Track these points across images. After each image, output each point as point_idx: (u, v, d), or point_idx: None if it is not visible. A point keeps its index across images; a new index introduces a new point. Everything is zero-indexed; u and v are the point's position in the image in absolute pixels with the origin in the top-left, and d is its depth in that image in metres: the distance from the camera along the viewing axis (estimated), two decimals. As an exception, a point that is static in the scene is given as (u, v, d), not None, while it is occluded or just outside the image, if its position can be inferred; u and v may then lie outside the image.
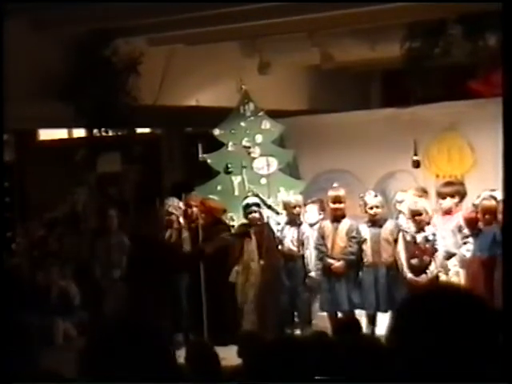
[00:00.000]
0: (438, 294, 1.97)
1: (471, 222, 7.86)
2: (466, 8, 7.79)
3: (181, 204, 9.08)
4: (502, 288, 7.13)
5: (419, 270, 7.89)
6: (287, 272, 8.70)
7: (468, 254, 7.97)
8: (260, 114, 9.70)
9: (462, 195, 8.30)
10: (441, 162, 9.64)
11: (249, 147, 9.67)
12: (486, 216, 7.67)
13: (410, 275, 7.92)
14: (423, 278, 7.85)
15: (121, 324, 2.23)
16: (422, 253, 7.92)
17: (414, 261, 7.94)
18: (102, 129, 8.69)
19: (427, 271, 7.86)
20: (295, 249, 8.66)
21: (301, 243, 8.66)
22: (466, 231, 8.04)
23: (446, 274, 8.13)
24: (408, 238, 8.02)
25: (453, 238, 8.12)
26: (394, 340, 1.97)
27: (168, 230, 8.89)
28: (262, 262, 8.60)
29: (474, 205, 7.74)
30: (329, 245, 8.49)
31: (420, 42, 8.49)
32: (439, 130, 9.57)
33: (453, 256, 8.11)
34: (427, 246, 7.90)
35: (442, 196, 8.27)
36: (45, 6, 7.39)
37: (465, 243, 8.08)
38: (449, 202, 8.23)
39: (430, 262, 7.87)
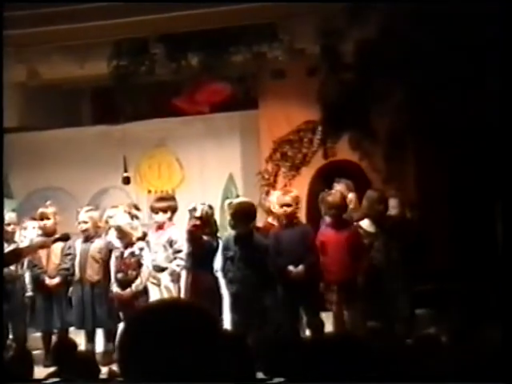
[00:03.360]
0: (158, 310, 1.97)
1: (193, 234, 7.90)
2: (167, 28, 7.94)
3: None
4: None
5: (125, 284, 7.88)
6: (5, 294, 8.06)
7: (178, 269, 8.04)
8: (-35, 131, 9.25)
9: (174, 210, 8.35)
10: (152, 177, 9.79)
11: (-47, 166, 9.16)
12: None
13: (116, 289, 7.89)
14: (128, 292, 7.82)
15: None
16: (127, 267, 7.91)
17: (120, 275, 7.91)
18: None
19: (132, 285, 7.85)
20: (14, 268, 8.21)
21: (20, 263, 8.23)
22: (177, 246, 8.06)
23: (159, 286, 8.13)
24: (117, 253, 8.00)
25: (164, 253, 8.15)
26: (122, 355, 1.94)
27: None
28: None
29: (196, 217, 7.80)
30: (44, 262, 8.26)
31: (126, 60, 8.49)
32: (149, 146, 9.72)
33: (164, 270, 8.14)
34: (132, 260, 7.91)
35: (154, 211, 8.30)
36: None
37: (175, 258, 8.12)
38: (161, 217, 8.26)
39: (136, 276, 7.88)
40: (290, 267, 7.55)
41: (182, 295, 7.91)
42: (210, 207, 7.97)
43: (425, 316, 7.79)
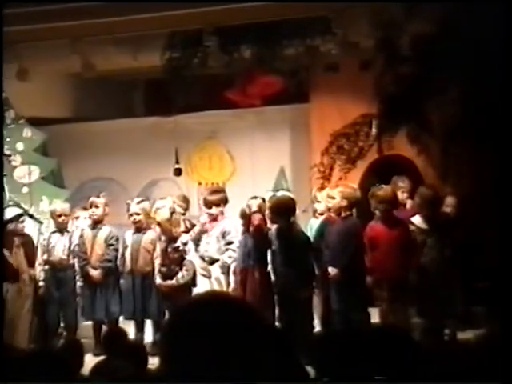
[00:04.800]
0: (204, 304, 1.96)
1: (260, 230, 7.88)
2: (221, 20, 7.96)
3: None
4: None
5: (168, 277, 7.99)
6: (56, 282, 8.44)
7: (229, 261, 8.09)
8: (21, 121, 9.49)
9: (225, 202, 8.39)
10: (202, 169, 9.89)
11: (9, 155, 9.40)
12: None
13: (159, 281, 8.00)
14: (169, 283, 7.93)
15: None
16: (170, 262, 7.99)
17: (164, 269, 8.00)
18: None
19: (175, 278, 7.94)
20: (65, 257, 8.41)
21: (71, 252, 8.44)
22: (229, 238, 8.11)
23: (209, 278, 8.21)
24: (162, 246, 8.07)
25: (217, 245, 8.21)
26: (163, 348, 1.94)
27: None
28: (32, 273, 8.32)
29: (255, 212, 7.82)
30: (88, 253, 8.38)
31: (179, 52, 8.57)
32: (200, 138, 9.81)
33: (216, 262, 8.20)
34: (176, 255, 7.97)
35: (208, 205, 8.31)
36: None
37: (227, 250, 8.16)
38: (214, 210, 8.28)
39: (180, 269, 7.96)
40: (329, 269, 7.57)
41: (239, 291, 7.81)
42: (263, 200, 7.99)
43: (479, 314, 7.68)
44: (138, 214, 8.29)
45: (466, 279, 7.60)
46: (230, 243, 8.11)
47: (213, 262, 8.22)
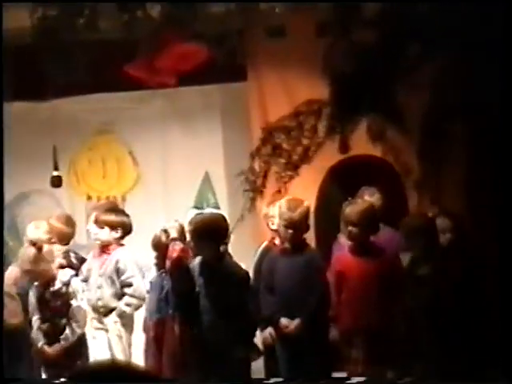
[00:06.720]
0: None
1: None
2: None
3: None
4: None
5: (53, 335, 6.94)
6: None
7: (128, 309, 7.07)
8: None
9: (126, 229, 7.26)
10: (93, 178, 8.91)
11: None
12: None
13: (40, 344, 6.94)
14: (56, 348, 6.86)
15: None
16: (52, 313, 6.93)
17: (45, 326, 6.91)
18: None
19: (62, 337, 6.88)
20: None
21: None
22: (124, 278, 7.05)
23: (107, 332, 7.19)
24: (36, 293, 6.92)
25: (112, 288, 7.11)
26: None
27: None
28: None
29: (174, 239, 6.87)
30: None
31: (57, 9, 7.19)
32: (89, 132, 8.79)
33: (112, 311, 7.16)
34: (58, 302, 6.91)
35: (99, 225, 7.21)
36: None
37: (123, 294, 7.11)
38: (107, 235, 7.11)
39: (67, 321, 6.93)
40: (283, 320, 6.67)
41: (153, 350, 7.00)
42: (181, 226, 7.09)
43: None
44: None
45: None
46: (127, 285, 7.18)
47: (110, 311, 7.21)
